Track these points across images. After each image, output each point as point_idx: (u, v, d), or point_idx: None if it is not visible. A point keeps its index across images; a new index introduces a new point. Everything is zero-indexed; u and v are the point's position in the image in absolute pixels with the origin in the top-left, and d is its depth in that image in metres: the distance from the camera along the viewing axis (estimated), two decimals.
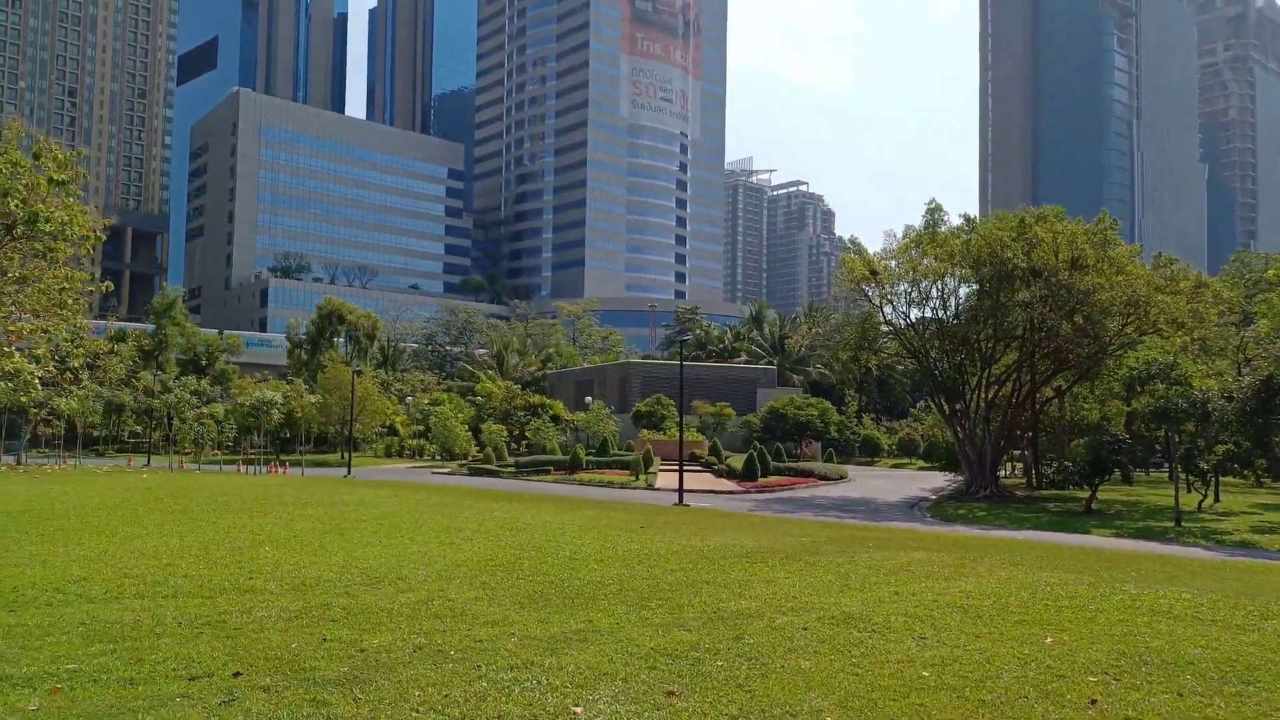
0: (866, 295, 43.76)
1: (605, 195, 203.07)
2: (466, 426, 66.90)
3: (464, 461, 58.69)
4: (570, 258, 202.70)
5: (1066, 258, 38.70)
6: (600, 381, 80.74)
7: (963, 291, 43.79)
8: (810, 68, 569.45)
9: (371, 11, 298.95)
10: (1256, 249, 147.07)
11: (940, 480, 52.03)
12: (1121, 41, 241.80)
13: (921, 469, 62.90)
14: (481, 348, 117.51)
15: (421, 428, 73.28)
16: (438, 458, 66.42)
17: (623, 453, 54.69)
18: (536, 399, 70.06)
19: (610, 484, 44.46)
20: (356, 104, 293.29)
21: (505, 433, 61.97)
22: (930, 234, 42.21)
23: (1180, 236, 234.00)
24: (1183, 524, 30.57)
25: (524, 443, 64.51)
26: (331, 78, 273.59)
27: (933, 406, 51.73)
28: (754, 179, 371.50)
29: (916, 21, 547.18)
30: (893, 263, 43.28)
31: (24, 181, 16.90)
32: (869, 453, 72.35)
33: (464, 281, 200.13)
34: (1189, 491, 35.00)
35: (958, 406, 43.32)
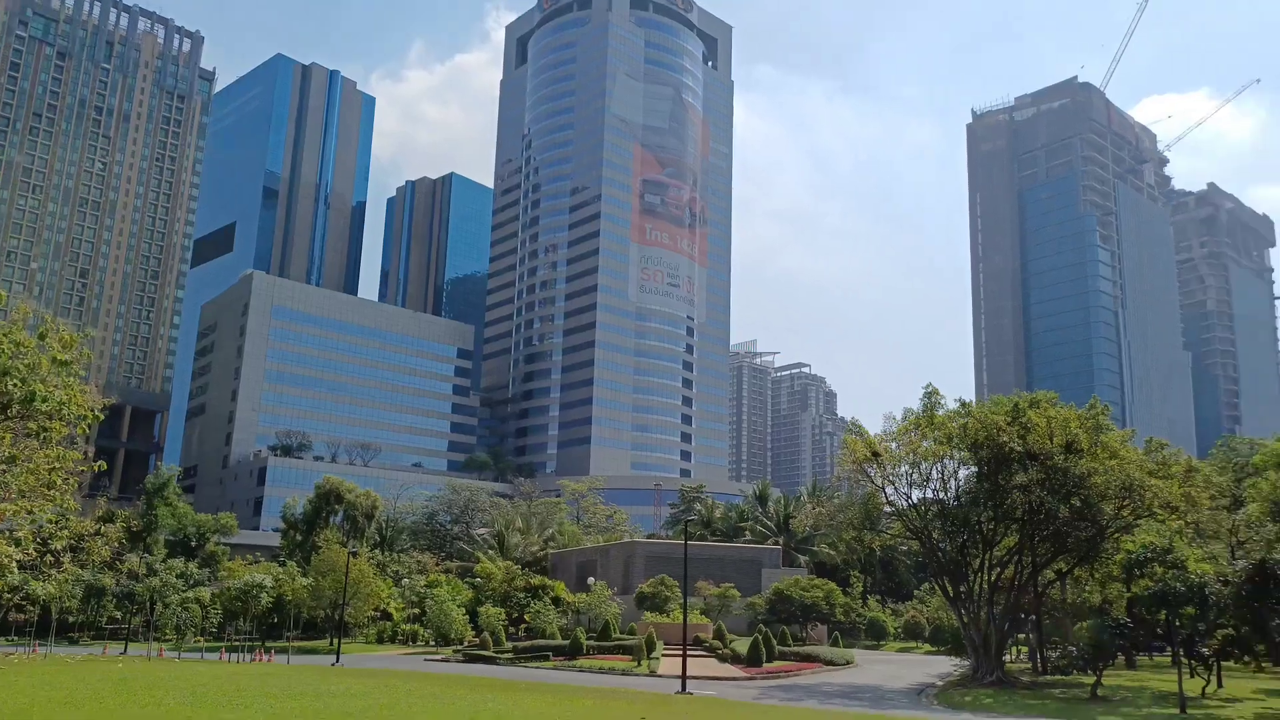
0: (869, 476, 44.11)
1: (612, 375, 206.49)
2: (464, 610, 64.98)
3: (459, 648, 56.70)
4: (576, 436, 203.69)
5: (1061, 442, 39.26)
6: (603, 561, 79.17)
7: (962, 474, 44.11)
8: (814, 257, 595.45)
9: (390, 200, 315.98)
10: (1241, 434, 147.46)
11: (947, 665, 50.20)
12: (1104, 237, 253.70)
13: (928, 653, 61.05)
14: (483, 527, 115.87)
15: (417, 611, 71.14)
16: (432, 643, 64.13)
17: (625, 637, 53.04)
18: (537, 580, 68.39)
19: (611, 670, 43.05)
20: (370, 286, 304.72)
21: (504, 616, 60.19)
22: (929, 417, 43.15)
23: (1170, 423, 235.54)
24: (1187, 711, 29.23)
25: (523, 626, 62.48)
26: (346, 261, 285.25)
27: (937, 588, 50.65)
28: (758, 361, 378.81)
29: (913, 216, 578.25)
30: (893, 444, 44.02)
31: (26, 361, 17.36)
32: (875, 636, 70.06)
33: (469, 460, 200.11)
34: (1192, 677, 33.97)
35: (961, 589, 42.65)
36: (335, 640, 58.56)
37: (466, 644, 57.44)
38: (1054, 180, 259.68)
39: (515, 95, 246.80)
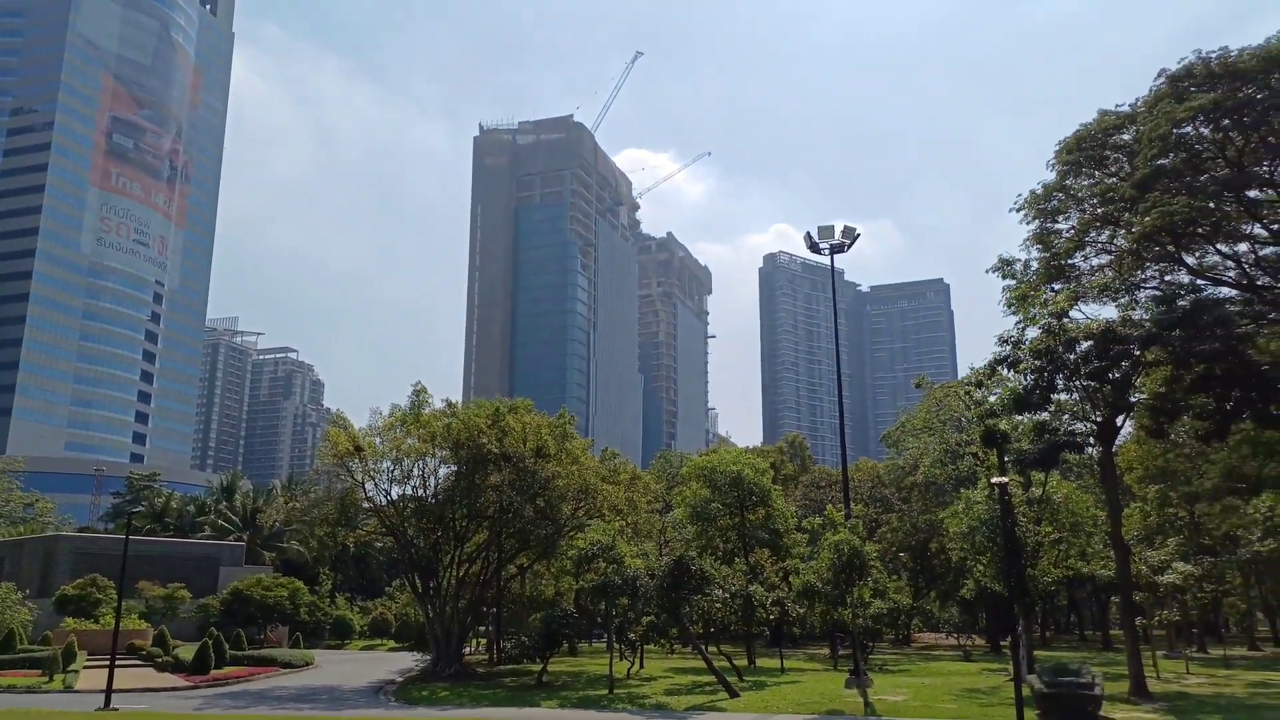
0: (350, 471, 43.57)
1: (49, 337, 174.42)
2: None
3: None
4: None
5: (533, 446, 43.34)
6: (14, 558, 67.77)
7: (442, 472, 45.90)
8: (313, 238, 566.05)
9: None
10: (676, 449, 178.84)
11: (409, 661, 51.73)
12: (584, 265, 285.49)
13: (393, 649, 62.13)
14: None
15: None
16: None
17: (36, 648, 45.16)
18: None
19: (13, 688, 36.39)
20: None
21: None
22: (415, 415, 44.22)
23: (623, 436, 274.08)
24: (615, 691, 34.53)
25: None
26: None
27: (408, 584, 52.08)
28: (239, 340, 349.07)
29: (421, 214, 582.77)
30: (378, 440, 44.11)
31: None
32: (340, 634, 69.27)
33: None
34: (621, 659, 39.87)
35: (431, 585, 44.28)
36: None
37: None
38: (547, 205, 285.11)
39: None
